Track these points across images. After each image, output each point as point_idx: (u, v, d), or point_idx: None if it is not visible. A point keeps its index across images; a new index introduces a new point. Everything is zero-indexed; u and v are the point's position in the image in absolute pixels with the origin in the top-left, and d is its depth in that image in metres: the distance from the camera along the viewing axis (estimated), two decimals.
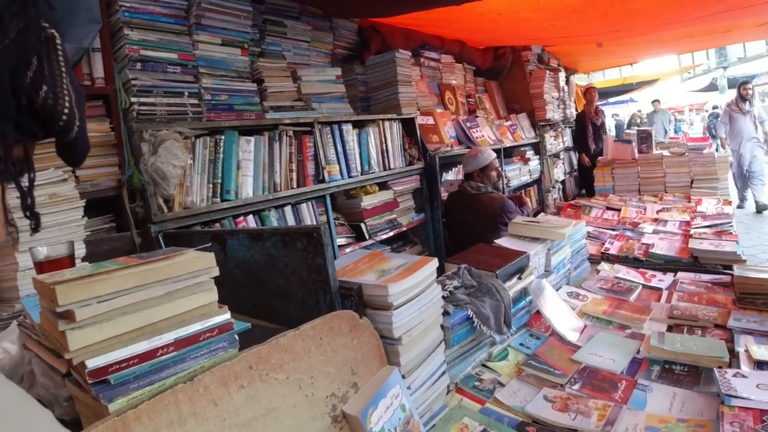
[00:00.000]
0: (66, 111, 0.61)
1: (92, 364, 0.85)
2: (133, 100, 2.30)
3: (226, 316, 1.02)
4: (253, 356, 1.01)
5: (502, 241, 2.29)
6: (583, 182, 6.73)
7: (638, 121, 15.12)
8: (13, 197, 1.59)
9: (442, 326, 1.50)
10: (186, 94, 2.50)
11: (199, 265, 0.98)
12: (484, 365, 1.78)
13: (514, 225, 2.41)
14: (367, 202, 3.06)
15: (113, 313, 0.87)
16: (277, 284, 1.48)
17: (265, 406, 1.01)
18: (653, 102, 14.53)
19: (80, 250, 1.69)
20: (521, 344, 1.94)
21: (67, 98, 0.61)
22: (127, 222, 2.18)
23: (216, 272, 1.01)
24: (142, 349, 0.90)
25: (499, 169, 3.56)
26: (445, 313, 1.53)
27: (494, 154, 3.49)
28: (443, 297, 1.55)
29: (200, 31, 2.61)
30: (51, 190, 1.64)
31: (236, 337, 1.04)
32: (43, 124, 0.61)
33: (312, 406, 1.10)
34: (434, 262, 1.45)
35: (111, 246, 2.03)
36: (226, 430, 0.95)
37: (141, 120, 2.30)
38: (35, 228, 0.65)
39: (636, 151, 5.24)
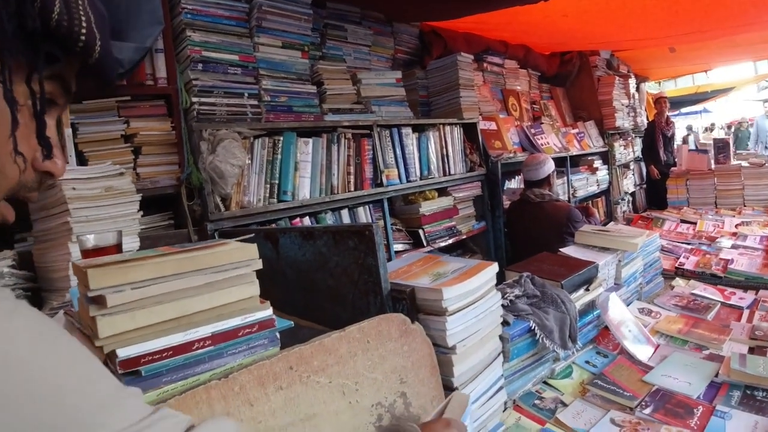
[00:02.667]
0: (84, 32, 0.58)
1: (123, 353, 0.81)
2: (194, 99, 2.32)
3: (267, 312, 0.96)
4: (294, 356, 0.94)
5: (569, 251, 2.14)
6: (653, 196, 6.38)
7: (746, 127, 14.09)
8: (69, 188, 1.61)
9: (500, 337, 1.39)
10: (246, 95, 2.51)
11: (241, 256, 0.92)
12: (545, 382, 1.65)
13: (581, 234, 2.26)
14: (426, 208, 2.98)
15: (147, 301, 0.82)
16: (328, 285, 1.42)
17: (304, 411, 0.94)
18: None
19: (134, 244, 1.69)
20: (587, 362, 1.80)
21: (84, 19, 0.58)
22: (184, 220, 2.19)
23: (258, 265, 0.95)
24: (176, 341, 0.85)
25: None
26: (505, 323, 1.42)
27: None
28: (503, 306, 1.44)
29: (261, 34, 2.62)
30: (107, 183, 1.64)
31: (277, 335, 0.97)
32: (62, 45, 0.57)
33: (356, 414, 1.02)
34: (494, 267, 1.34)
35: (167, 242, 2.03)
36: None
37: (201, 120, 2.31)
38: (47, 155, 0.62)
39: (712, 161, 4.91)
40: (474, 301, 1.26)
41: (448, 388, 1.22)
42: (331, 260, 1.39)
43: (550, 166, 3.27)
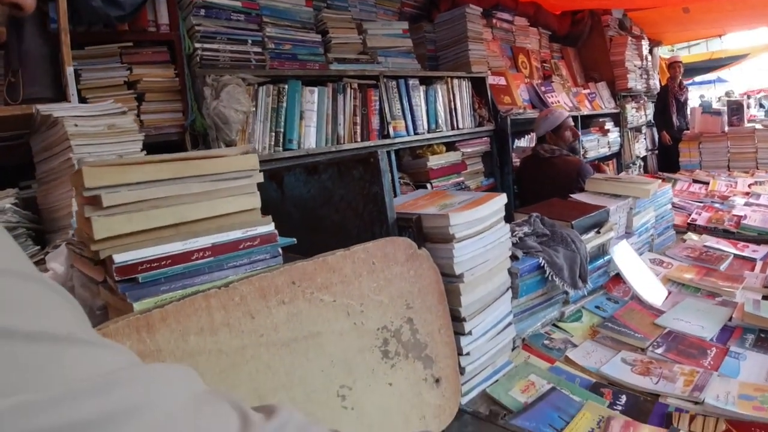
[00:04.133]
0: None
1: (120, 259, 0.78)
2: (197, 45, 2.27)
3: (269, 227, 0.93)
4: (297, 271, 0.91)
5: (579, 197, 2.10)
6: (665, 161, 6.28)
7: None
8: (71, 125, 1.58)
9: (509, 272, 1.36)
10: (249, 41, 2.45)
11: (241, 165, 0.88)
12: (554, 325, 1.63)
13: (592, 181, 2.21)
14: (434, 162, 2.93)
15: (144, 204, 0.79)
16: (333, 220, 1.39)
17: (308, 329, 0.91)
18: None
19: None
20: (597, 307, 1.77)
21: None
22: None
23: (260, 178, 0.92)
24: (175, 250, 0.82)
25: (575, 128, 3.25)
26: (514, 258, 1.39)
27: (567, 113, 3.23)
28: (512, 243, 1.40)
29: None
30: (109, 121, 1.61)
31: (280, 251, 0.94)
32: None
33: (361, 336, 1.00)
34: (503, 197, 1.30)
35: None
36: (262, 348, 0.86)
37: (204, 66, 2.26)
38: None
39: (726, 123, 4.81)
40: (482, 230, 1.22)
41: (456, 318, 1.19)
42: (335, 194, 1.36)
43: (556, 117, 3.17)
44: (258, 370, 0.85)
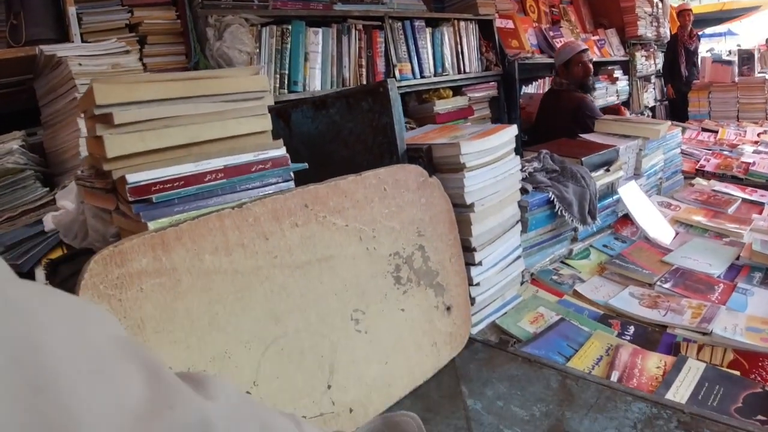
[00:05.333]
0: None
1: (133, 179, 0.78)
2: None
3: (281, 151, 0.92)
4: (309, 194, 0.91)
5: (589, 137, 2.08)
6: (674, 112, 6.18)
7: None
8: (75, 64, 1.56)
9: (519, 205, 1.35)
10: None
11: (251, 86, 0.87)
12: (562, 262, 1.64)
13: (602, 122, 2.19)
14: (440, 107, 2.89)
15: (156, 123, 0.79)
16: (342, 155, 1.38)
17: (321, 252, 0.92)
18: None
19: None
20: (605, 245, 1.77)
21: None
22: None
23: (270, 100, 0.91)
24: (188, 171, 0.82)
25: (588, 65, 3.16)
26: (524, 191, 1.38)
27: (583, 47, 3.15)
28: (522, 179, 1.39)
29: None
30: (113, 60, 1.59)
31: (292, 174, 0.94)
32: None
33: (373, 262, 1.00)
34: (513, 129, 1.29)
35: None
36: (277, 270, 0.86)
37: (206, 6, 2.21)
38: None
39: (736, 73, 4.72)
40: (493, 161, 1.21)
41: (467, 248, 1.20)
42: (344, 128, 1.34)
43: (568, 51, 3.09)
44: (273, 291, 0.86)
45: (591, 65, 3.19)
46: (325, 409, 0.92)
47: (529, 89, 3.94)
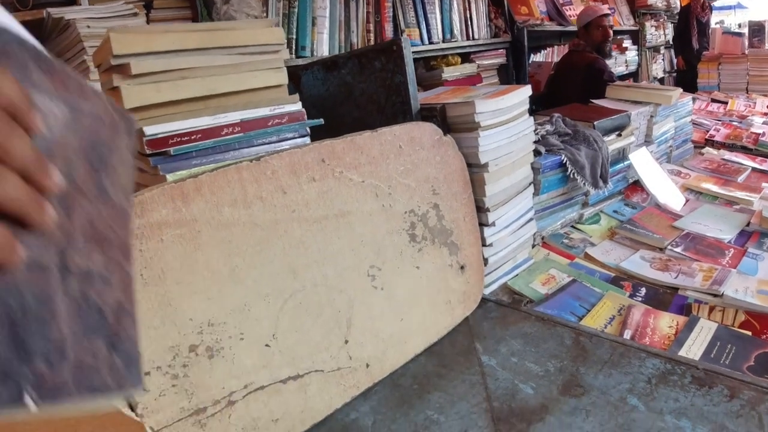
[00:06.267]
0: None
1: (151, 131, 0.77)
2: None
3: (297, 105, 0.92)
4: (326, 149, 0.91)
5: (600, 102, 2.06)
6: (683, 83, 6.09)
7: None
8: (83, 26, 1.54)
9: (532, 167, 1.35)
10: None
11: (266, 38, 0.86)
12: (573, 226, 1.64)
13: (613, 88, 2.16)
14: (449, 74, 2.86)
15: (172, 74, 0.78)
16: (354, 117, 1.37)
17: (338, 207, 0.92)
18: None
19: None
20: (615, 211, 1.77)
21: None
22: None
23: (286, 54, 0.90)
24: (205, 124, 0.82)
25: (608, 30, 3.13)
26: (537, 153, 1.38)
27: (605, 11, 3.12)
28: (534, 142, 1.38)
29: None
30: (121, 23, 1.57)
31: (308, 129, 0.94)
32: None
33: (389, 219, 1.00)
34: (527, 89, 1.28)
35: None
36: (294, 224, 0.86)
37: None
38: None
39: (746, 45, 4.65)
40: (507, 121, 1.20)
41: (480, 209, 1.20)
42: (356, 89, 1.33)
43: (588, 14, 3.07)
44: (291, 245, 0.86)
45: (611, 31, 3.17)
46: (342, 363, 0.93)
47: (538, 57, 3.89)
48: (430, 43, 2.79)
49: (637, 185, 1.92)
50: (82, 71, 1.53)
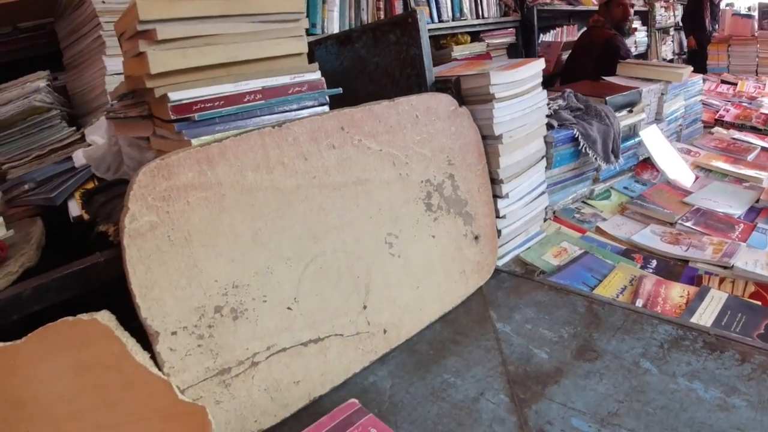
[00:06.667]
0: None
1: (175, 97, 0.79)
2: None
3: (316, 74, 0.93)
4: (345, 117, 0.92)
5: (611, 79, 2.06)
6: (692, 65, 6.02)
7: None
8: (98, 2, 1.55)
9: (545, 141, 1.36)
10: None
11: (288, 6, 0.87)
12: (584, 202, 1.65)
13: (624, 66, 2.16)
14: (458, 52, 2.85)
15: (197, 41, 0.79)
16: (368, 91, 1.37)
17: (357, 175, 0.94)
18: None
19: None
20: (625, 188, 1.78)
21: None
22: None
23: (305, 23, 0.91)
24: (227, 91, 0.83)
25: (629, 7, 3.13)
26: (549, 127, 1.38)
27: None
28: (546, 116, 1.39)
29: None
30: None
31: (327, 98, 0.95)
32: None
33: (406, 187, 1.02)
34: (540, 62, 1.28)
35: None
36: (315, 190, 0.88)
37: None
38: None
39: (756, 27, 4.62)
40: (521, 93, 1.21)
41: (494, 180, 1.21)
42: (370, 63, 1.34)
43: None
44: (311, 210, 0.88)
45: (632, 10, 3.15)
46: (361, 328, 0.95)
47: (547, 37, 3.86)
48: (440, 21, 2.78)
49: (647, 163, 1.93)
50: (97, 47, 1.54)
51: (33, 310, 0.82)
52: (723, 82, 4.01)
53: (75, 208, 1.21)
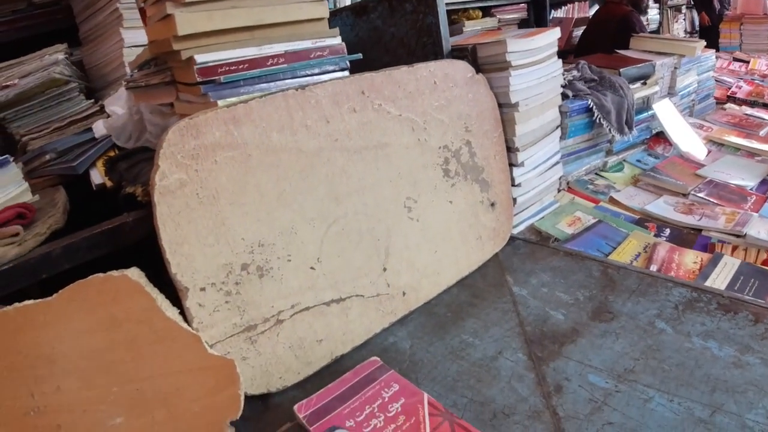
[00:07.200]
0: None
1: (201, 59, 0.81)
2: None
3: (337, 39, 0.94)
4: (365, 81, 0.93)
5: (625, 53, 2.05)
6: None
7: None
8: None
9: (559, 110, 1.36)
10: None
11: None
12: (597, 174, 1.66)
13: (637, 39, 2.15)
14: (469, 28, 2.83)
15: (223, 4, 0.81)
16: (384, 62, 1.37)
17: (377, 139, 0.95)
18: None
19: None
20: (638, 161, 1.79)
21: None
22: None
23: None
24: (251, 54, 0.85)
25: None
26: (564, 96, 1.39)
27: None
28: (561, 86, 1.39)
29: None
30: None
31: (347, 63, 0.96)
32: None
33: (424, 153, 1.03)
34: (556, 31, 1.28)
35: None
36: (337, 152, 0.90)
37: None
38: None
39: None
40: (537, 62, 1.22)
41: (510, 149, 1.22)
42: (386, 33, 1.35)
43: None
44: (334, 172, 0.90)
45: None
46: (381, 290, 0.98)
47: (559, 13, 3.82)
48: None
49: (660, 137, 1.93)
50: (114, 20, 1.55)
51: (63, 268, 0.84)
52: (735, 60, 3.97)
53: (97, 177, 1.23)
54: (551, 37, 1.26)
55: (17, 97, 1.47)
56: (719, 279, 1.11)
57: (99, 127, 1.33)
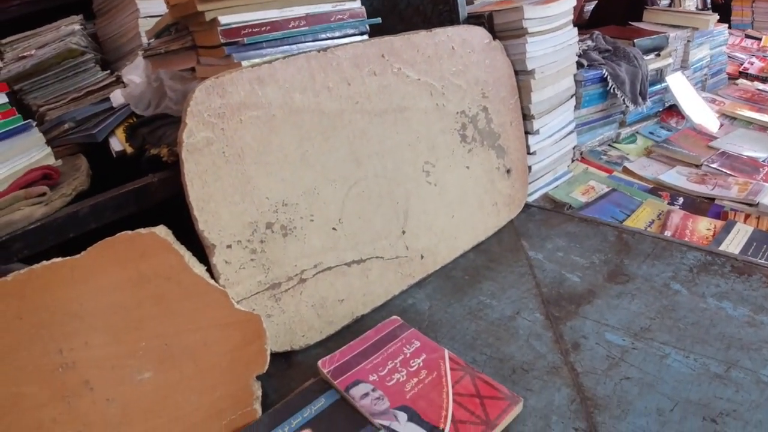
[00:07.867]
0: None
1: (225, 20, 0.81)
2: None
3: (357, 3, 0.95)
4: (385, 45, 0.94)
5: (638, 25, 2.04)
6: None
7: None
8: None
9: (574, 79, 1.37)
10: None
11: None
12: (610, 145, 1.66)
13: (650, 12, 2.14)
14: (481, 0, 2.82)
15: None
16: (398, 31, 1.38)
17: (396, 103, 0.96)
18: None
19: None
20: (651, 133, 1.79)
21: None
22: None
23: None
24: (273, 17, 0.85)
25: None
26: (579, 65, 1.39)
27: None
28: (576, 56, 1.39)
29: None
30: None
31: (367, 27, 0.97)
32: None
33: (442, 117, 1.04)
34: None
35: None
36: (358, 115, 0.91)
37: None
38: None
39: None
40: (553, 29, 1.22)
41: (525, 116, 1.23)
42: (401, 2, 1.35)
43: None
44: (354, 135, 0.91)
45: None
46: (400, 252, 0.99)
47: None
48: None
49: (672, 109, 1.92)
50: None
51: (90, 227, 0.86)
52: (747, 36, 3.94)
53: (117, 144, 1.24)
54: (567, 4, 1.26)
55: (34, 68, 1.48)
56: (732, 244, 1.13)
57: (117, 96, 1.34)
